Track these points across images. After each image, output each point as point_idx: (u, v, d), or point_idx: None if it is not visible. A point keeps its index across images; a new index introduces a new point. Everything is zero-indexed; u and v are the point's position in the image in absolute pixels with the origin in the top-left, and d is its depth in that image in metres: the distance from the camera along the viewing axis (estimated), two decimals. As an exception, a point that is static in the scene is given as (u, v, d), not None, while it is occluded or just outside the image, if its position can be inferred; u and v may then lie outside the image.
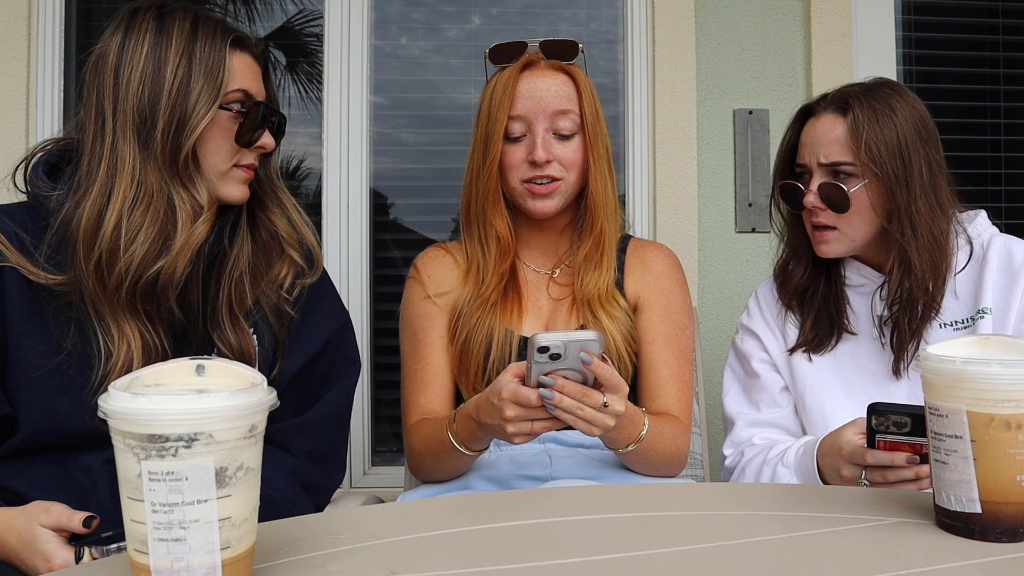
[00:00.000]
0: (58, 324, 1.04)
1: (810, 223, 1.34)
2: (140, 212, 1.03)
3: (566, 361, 1.01)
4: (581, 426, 1.06)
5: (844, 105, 1.29)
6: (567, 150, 1.34)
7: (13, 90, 2.00)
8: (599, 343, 1.02)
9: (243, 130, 1.10)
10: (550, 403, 1.03)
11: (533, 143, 1.32)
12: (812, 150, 1.31)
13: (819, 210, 1.30)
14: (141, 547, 0.61)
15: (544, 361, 1.01)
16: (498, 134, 1.32)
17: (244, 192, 1.14)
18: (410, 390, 1.39)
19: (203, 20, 1.08)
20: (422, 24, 2.20)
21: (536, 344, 0.99)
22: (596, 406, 1.05)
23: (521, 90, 1.33)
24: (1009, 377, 0.73)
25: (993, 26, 2.34)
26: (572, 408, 1.04)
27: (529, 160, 1.32)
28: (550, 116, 1.33)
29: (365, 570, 0.70)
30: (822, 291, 1.38)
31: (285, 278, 1.17)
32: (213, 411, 0.60)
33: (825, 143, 1.29)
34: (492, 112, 1.34)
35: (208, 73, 1.05)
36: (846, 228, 1.30)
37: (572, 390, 1.03)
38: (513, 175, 1.34)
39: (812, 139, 1.31)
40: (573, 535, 0.79)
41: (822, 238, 1.32)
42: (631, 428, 1.20)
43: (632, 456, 1.24)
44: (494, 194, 1.36)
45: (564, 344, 1.00)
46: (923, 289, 1.26)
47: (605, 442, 1.23)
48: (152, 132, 1.03)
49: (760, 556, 0.73)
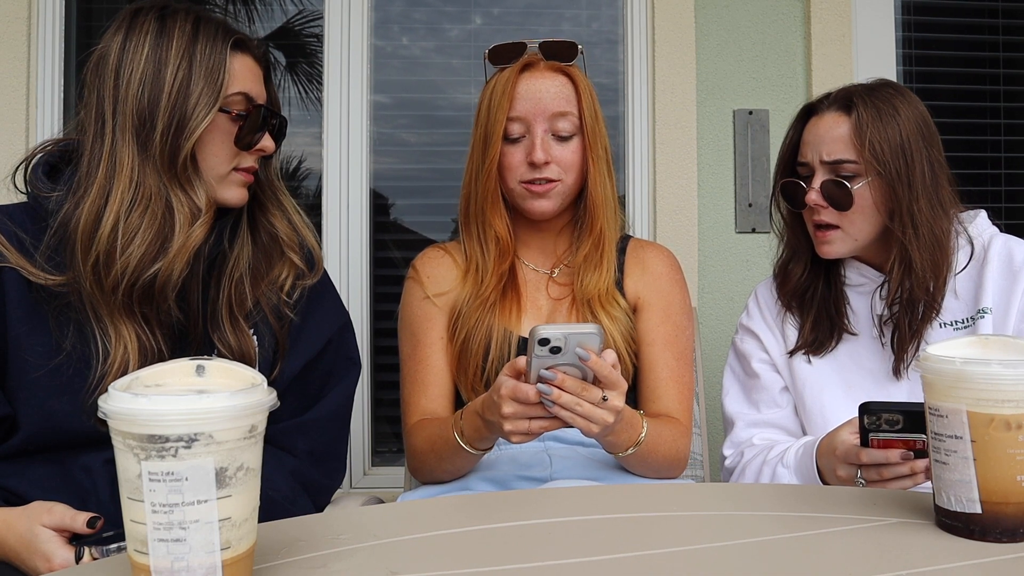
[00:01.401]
0: (57, 325, 1.04)
1: (812, 222, 1.34)
2: (138, 214, 1.03)
3: (566, 356, 1.01)
4: (579, 423, 1.05)
5: (848, 104, 1.29)
6: (566, 152, 1.34)
7: (13, 90, 2.00)
8: (599, 336, 1.01)
9: (243, 133, 1.10)
10: (548, 399, 1.03)
11: (532, 144, 1.32)
12: (815, 148, 1.31)
13: (821, 208, 1.30)
14: (141, 547, 0.61)
15: (544, 355, 1.00)
16: (497, 135, 1.32)
17: (243, 196, 1.14)
18: (410, 391, 1.39)
19: (205, 22, 1.07)
20: (423, 24, 2.20)
21: (536, 336, 0.99)
22: (595, 401, 1.04)
23: (520, 91, 1.33)
24: (1009, 377, 0.73)
25: (993, 26, 2.34)
26: (571, 404, 1.03)
27: (528, 161, 1.32)
28: (549, 118, 1.33)
29: (365, 570, 0.70)
30: (821, 292, 1.38)
31: (285, 280, 1.17)
32: (213, 411, 0.60)
33: (828, 141, 1.29)
34: (491, 113, 1.34)
35: (208, 75, 1.05)
36: (848, 227, 1.30)
37: (571, 385, 1.03)
38: (511, 176, 1.34)
39: (815, 137, 1.31)
40: (573, 535, 0.79)
41: (825, 238, 1.32)
42: (629, 431, 1.20)
43: (632, 460, 1.24)
44: (493, 195, 1.36)
45: (564, 336, 0.99)
46: (924, 288, 1.26)
47: (604, 446, 1.23)
48: (151, 134, 1.03)
49: (760, 556, 0.73)
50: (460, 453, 1.22)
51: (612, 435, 1.16)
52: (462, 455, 1.22)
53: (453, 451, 1.22)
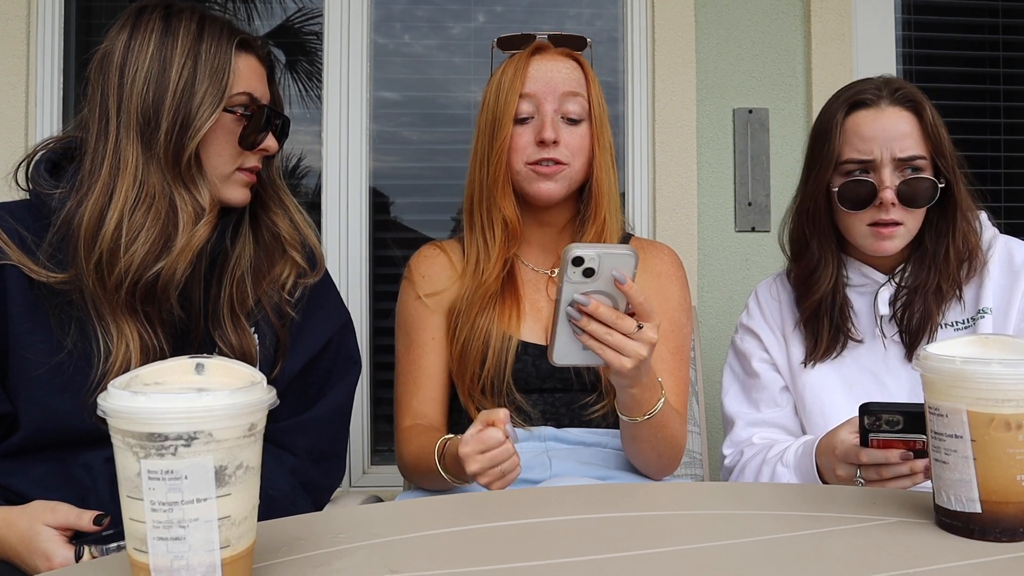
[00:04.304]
0: (59, 323, 1.04)
1: (874, 219, 1.28)
2: (142, 213, 1.03)
3: (598, 282, 0.96)
4: (610, 356, 1.00)
5: (908, 100, 1.28)
6: (574, 136, 1.34)
7: (12, 88, 2.00)
8: (634, 259, 0.96)
9: (246, 133, 1.10)
10: (577, 325, 0.98)
11: (542, 123, 1.31)
12: (884, 144, 1.26)
13: (891, 205, 1.26)
14: (140, 546, 0.61)
15: (577, 278, 0.95)
16: (509, 115, 1.32)
17: (245, 195, 1.14)
18: (403, 391, 1.38)
19: (210, 21, 1.07)
20: (423, 22, 2.20)
21: (569, 255, 0.94)
22: (629, 332, 0.99)
23: (532, 71, 1.33)
24: (1009, 377, 0.73)
25: (993, 26, 2.34)
26: (601, 334, 0.98)
27: (537, 140, 1.31)
28: (559, 97, 1.33)
29: (365, 569, 0.70)
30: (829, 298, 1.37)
31: (287, 278, 1.17)
32: (213, 410, 0.60)
33: (898, 137, 1.26)
34: (502, 94, 1.33)
35: (213, 75, 1.05)
36: (909, 223, 1.29)
37: (605, 313, 0.98)
38: (518, 157, 1.33)
39: (881, 132, 1.27)
40: (573, 535, 0.79)
41: (891, 234, 1.28)
42: (652, 391, 1.15)
43: (645, 430, 1.19)
44: (504, 178, 1.34)
45: (599, 256, 0.94)
46: (949, 278, 1.29)
47: (626, 402, 1.16)
48: (156, 133, 1.03)
49: (760, 555, 0.73)
50: (444, 482, 1.20)
51: (638, 387, 1.11)
52: (446, 484, 1.20)
53: (437, 478, 1.20)
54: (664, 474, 1.31)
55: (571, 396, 1.35)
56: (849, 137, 1.29)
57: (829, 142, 1.30)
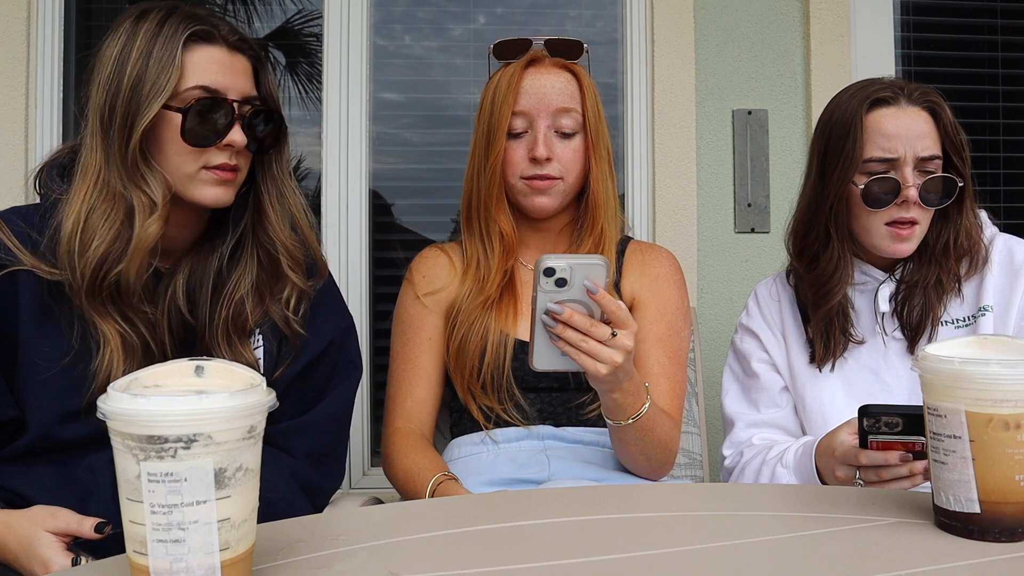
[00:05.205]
0: (68, 325, 1.05)
1: (893, 218, 1.26)
2: (99, 213, 1.03)
3: (572, 291, 0.98)
4: (585, 362, 1.02)
5: (926, 100, 1.28)
6: (568, 149, 1.34)
7: (12, 90, 2.00)
8: (605, 268, 0.98)
9: (189, 126, 1.05)
10: (553, 332, 1.00)
11: (534, 140, 1.32)
12: (907, 142, 1.25)
13: (912, 205, 1.25)
14: (140, 548, 0.61)
15: (550, 288, 0.97)
16: (501, 131, 1.32)
17: (220, 195, 1.09)
18: (395, 390, 1.39)
19: (173, 16, 1.05)
20: (423, 23, 2.20)
21: (541, 266, 0.96)
22: (602, 339, 1.01)
23: (525, 86, 1.33)
24: (1008, 377, 0.73)
25: (992, 26, 2.34)
26: (576, 340, 1.00)
27: (530, 157, 1.32)
28: (552, 113, 1.33)
29: (365, 571, 0.70)
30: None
31: (290, 297, 1.16)
32: (212, 412, 0.60)
33: (919, 136, 1.26)
34: (495, 108, 1.33)
35: (161, 70, 1.03)
36: (924, 221, 1.29)
37: (579, 321, 1.00)
38: (512, 172, 1.34)
39: (904, 131, 1.25)
40: (573, 535, 0.79)
41: (909, 235, 1.27)
42: (635, 396, 1.16)
43: (630, 433, 1.20)
44: (497, 192, 1.35)
45: (570, 267, 0.96)
46: (949, 272, 1.30)
47: (608, 407, 1.17)
48: (110, 130, 1.04)
49: (760, 556, 0.73)
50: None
51: (619, 392, 1.12)
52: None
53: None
54: (656, 476, 1.31)
55: (567, 395, 1.35)
56: (872, 135, 1.26)
57: (852, 140, 1.27)
